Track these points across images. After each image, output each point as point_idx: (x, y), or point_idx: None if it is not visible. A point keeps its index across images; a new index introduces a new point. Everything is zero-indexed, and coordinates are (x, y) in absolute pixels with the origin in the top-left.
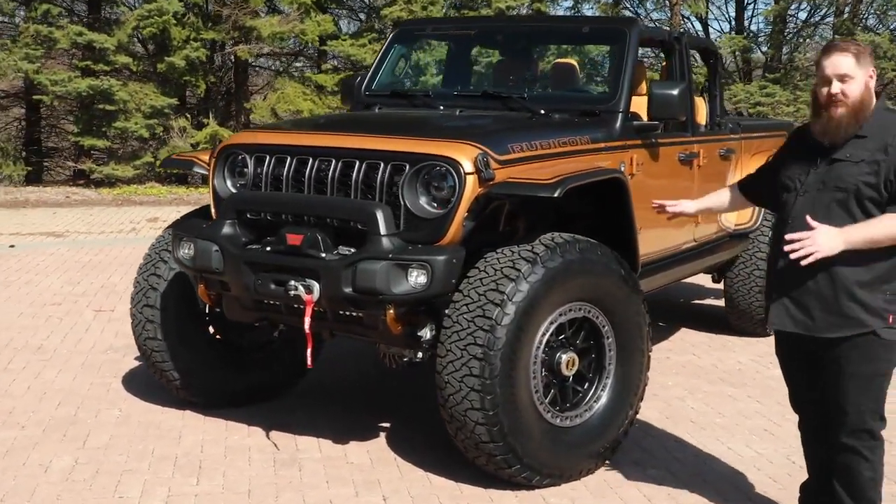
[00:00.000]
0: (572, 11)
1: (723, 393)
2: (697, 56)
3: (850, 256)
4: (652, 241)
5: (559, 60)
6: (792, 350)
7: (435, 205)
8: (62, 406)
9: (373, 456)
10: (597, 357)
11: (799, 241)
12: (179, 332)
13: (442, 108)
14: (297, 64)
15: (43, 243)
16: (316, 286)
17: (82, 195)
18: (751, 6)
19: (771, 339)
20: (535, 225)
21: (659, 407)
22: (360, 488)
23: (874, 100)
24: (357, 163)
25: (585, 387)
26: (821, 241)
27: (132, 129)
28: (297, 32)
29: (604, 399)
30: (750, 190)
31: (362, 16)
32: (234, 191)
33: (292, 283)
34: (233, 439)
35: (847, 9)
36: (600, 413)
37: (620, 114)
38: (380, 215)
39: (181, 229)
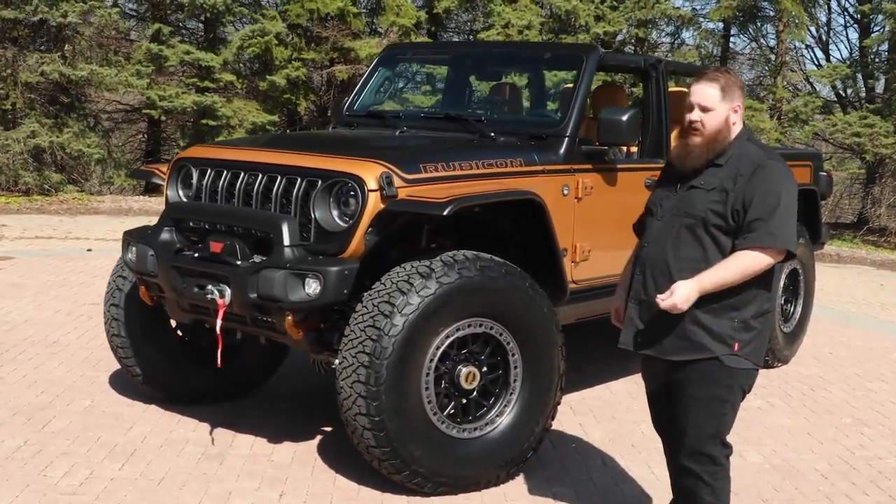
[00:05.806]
0: (672, 39)
1: None
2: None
3: None
4: (604, 265)
5: (567, 86)
6: (649, 371)
7: (345, 218)
8: (43, 394)
9: (296, 456)
10: (503, 374)
11: (664, 299)
12: (143, 331)
13: (405, 128)
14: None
15: (119, 249)
16: (228, 291)
17: None
18: (877, 32)
19: (761, 373)
20: (463, 244)
21: (609, 429)
22: (264, 483)
23: (732, 133)
24: (278, 177)
25: (491, 402)
26: (677, 294)
27: None
28: None
29: (508, 415)
30: (636, 226)
31: (460, 38)
32: (183, 200)
33: (209, 287)
34: (177, 432)
35: None
36: (503, 428)
37: (567, 138)
38: (284, 227)
39: (130, 234)
